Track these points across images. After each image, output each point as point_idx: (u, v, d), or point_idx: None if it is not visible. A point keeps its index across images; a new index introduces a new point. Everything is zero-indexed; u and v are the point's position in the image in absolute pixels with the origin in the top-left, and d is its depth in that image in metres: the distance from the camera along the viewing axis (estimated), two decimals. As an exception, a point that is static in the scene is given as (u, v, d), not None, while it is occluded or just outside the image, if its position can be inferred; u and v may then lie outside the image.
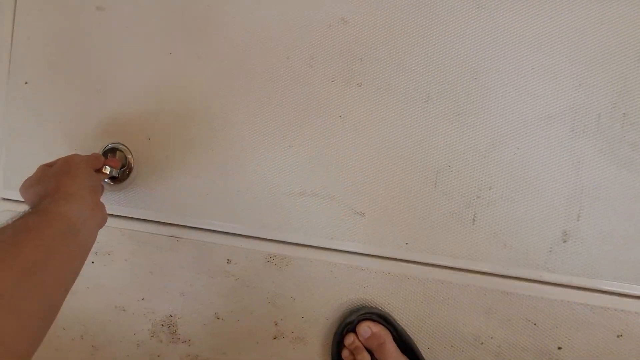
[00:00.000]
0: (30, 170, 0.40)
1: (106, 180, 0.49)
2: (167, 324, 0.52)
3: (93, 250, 0.45)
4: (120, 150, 0.50)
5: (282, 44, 0.47)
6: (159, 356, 0.53)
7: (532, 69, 0.42)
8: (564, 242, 0.40)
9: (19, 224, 0.30)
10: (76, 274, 0.33)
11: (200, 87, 0.49)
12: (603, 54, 0.40)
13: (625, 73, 0.40)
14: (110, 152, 0.51)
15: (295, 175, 0.48)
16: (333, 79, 0.46)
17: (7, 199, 0.55)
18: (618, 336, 0.40)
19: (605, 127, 0.40)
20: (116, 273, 0.52)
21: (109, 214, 0.41)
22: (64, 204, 0.33)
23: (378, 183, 0.46)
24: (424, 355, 0.45)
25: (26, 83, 0.53)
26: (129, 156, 0.50)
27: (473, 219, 0.43)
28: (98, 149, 0.50)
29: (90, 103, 0.52)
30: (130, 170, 0.50)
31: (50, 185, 0.36)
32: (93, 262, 0.52)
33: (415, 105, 0.45)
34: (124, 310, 0.53)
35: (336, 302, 0.48)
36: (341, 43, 0.46)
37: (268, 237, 0.49)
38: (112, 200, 0.51)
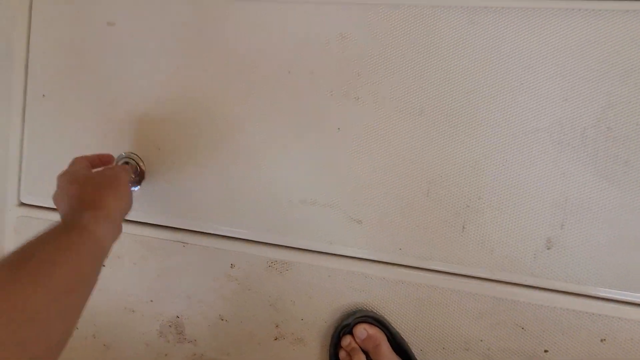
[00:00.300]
0: (48, 178, 0.43)
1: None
2: (174, 325, 0.55)
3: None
4: (133, 160, 0.53)
5: (283, 59, 0.50)
6: (166, 355, 0.56)
7: (521, 84, 0.44)
8: (548, 249, 0.42)
9: (61, 241, 0.30)
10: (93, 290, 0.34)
11: (206, 99, 0.52)
12: (589, 71, 0.42)
13: (609, 89, 0.42)
14: (124, 163, 0.53)
15: (296, 184, 0.50)
16: (331, 93, 0.49)
17: (26, 204, 0.58)
18: (601, 340, 0.42)
19: (590, 140, 0.42)
20: (126, 276, 0.55)
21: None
22: (104, 227, 0.34)
23: (374, 192, 0.48)
24: (416, 357, 0.48)
25: (44, 96, 0.56)
26: (141, 164, 0.53)
27: (463, 226, 0.45)
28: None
29: (104, 114, 0.55)
30: (142, 178, 0.53)
31: (94, 197, 0.37)
32: (104, 266, 0.55)
33: (409, 118, 0.47)
34: (133, 311, 0.56)
35: (334, 305, 0.50)
36: (339, 58, 0.48)
37: (270, 242, 0.51)
38: (122, 207, 0.54)
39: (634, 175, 0.41)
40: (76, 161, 0.45)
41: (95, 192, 0.38)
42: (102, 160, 0.49)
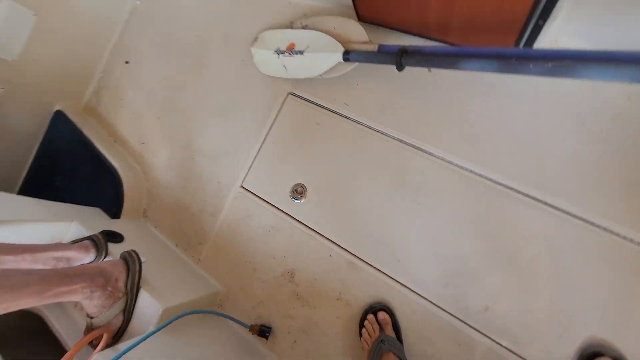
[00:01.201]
0: (263, 178, 1.00)
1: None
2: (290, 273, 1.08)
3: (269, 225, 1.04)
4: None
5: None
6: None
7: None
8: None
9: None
10: None
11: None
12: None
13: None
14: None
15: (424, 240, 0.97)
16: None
17: (244, 187, 1.20)
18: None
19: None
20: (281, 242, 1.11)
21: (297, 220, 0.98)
22: None
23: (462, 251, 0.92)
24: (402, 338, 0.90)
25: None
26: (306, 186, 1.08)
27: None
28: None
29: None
30: (304, 197, 1.07)
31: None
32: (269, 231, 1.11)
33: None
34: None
35: (371, 296, 0.96)
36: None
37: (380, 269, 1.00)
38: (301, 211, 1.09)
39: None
40: None
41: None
42: None
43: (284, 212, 1.11)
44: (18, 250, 0.87)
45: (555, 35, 0.84)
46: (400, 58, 0.81)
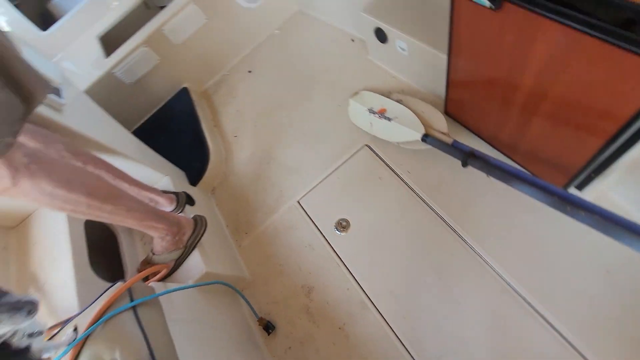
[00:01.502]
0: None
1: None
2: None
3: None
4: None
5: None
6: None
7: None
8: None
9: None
10: None
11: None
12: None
13: None
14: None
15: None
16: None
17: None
18: None
19: None
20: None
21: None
22: None
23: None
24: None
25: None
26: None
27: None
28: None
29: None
30: (346, 231, 1.25)
31: None
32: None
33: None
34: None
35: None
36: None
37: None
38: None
39: None
40: None
41: None
42: None
43: (324, 236, 1.29)
44: (132, 182, 1.15)
45: (605, 189, 0.97)
46: (468, 158, 0.99)
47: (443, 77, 1.17)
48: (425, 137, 1.18)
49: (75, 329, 0.80)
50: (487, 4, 0.75)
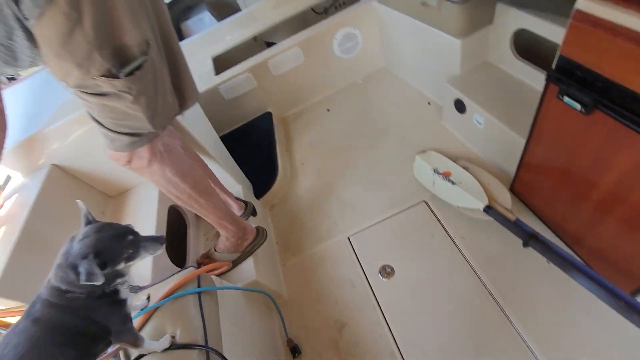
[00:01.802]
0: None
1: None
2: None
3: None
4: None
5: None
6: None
7: None
8: None
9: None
10: None
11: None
12: None
13: None
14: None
15: None
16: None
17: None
18: None
19: None
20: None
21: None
22: None
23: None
24: None
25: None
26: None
27: None
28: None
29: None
30: (389, 278, 1.29)
31: None
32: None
33: None
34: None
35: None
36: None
37: None
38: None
39: None
40: None
41: None
42: None
43: (366, 277, 1.34)
44: (216, 182, 1.31)
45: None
46: (530, 240, 1.01)
47: (515, 157, 1.22)
48: (488, 209, 1.22)
49: (148, 298, 0.93)
50: (578, 107, 0.82)
